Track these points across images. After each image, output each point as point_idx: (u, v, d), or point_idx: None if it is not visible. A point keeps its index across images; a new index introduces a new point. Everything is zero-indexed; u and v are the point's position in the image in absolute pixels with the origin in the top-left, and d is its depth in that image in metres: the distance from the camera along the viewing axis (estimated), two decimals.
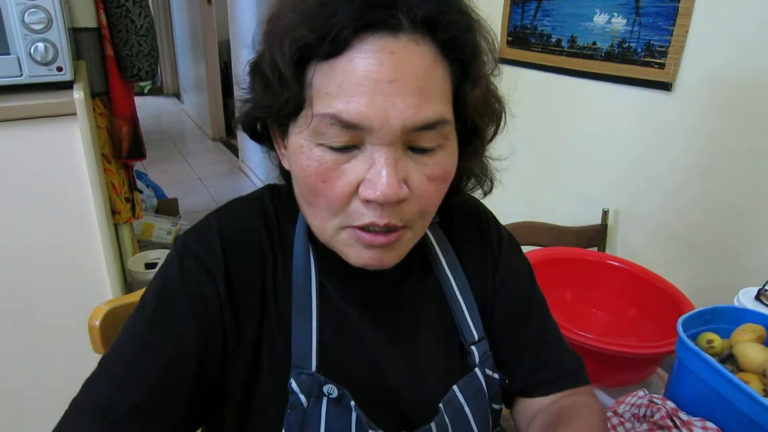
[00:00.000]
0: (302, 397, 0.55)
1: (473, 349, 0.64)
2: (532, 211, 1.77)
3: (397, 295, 0.63)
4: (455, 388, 0.61)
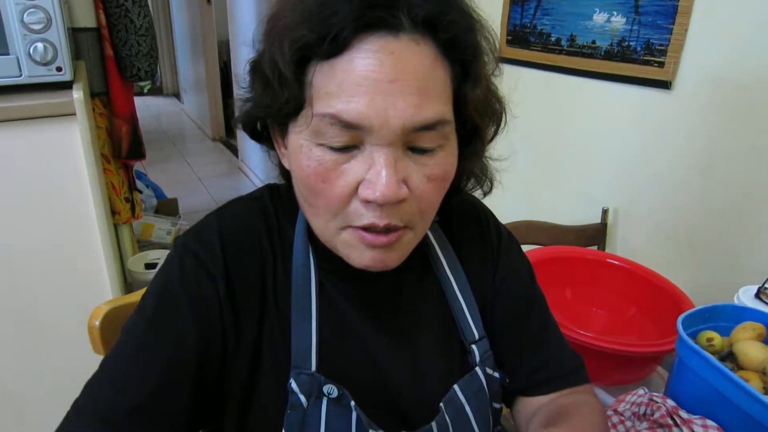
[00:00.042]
0: (302, 397, 0.54)
1: (474, 348, 0.64)
2: (531, 210, 1.77)
3: (398, 295, 0.63)
4: (456, 388, 0.61)
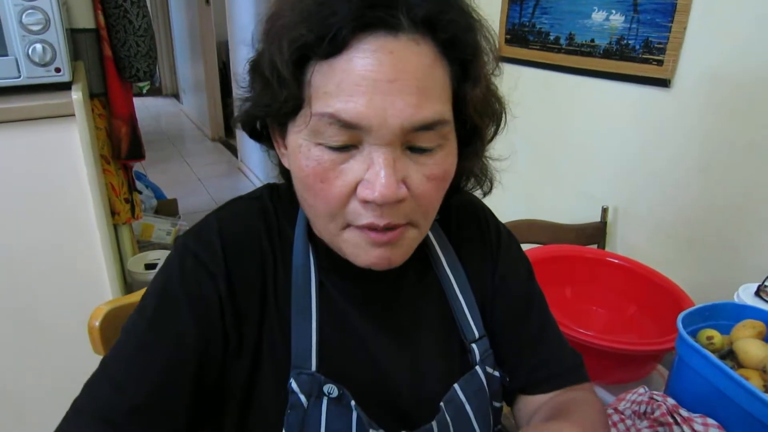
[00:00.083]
0: (302, 397, 0.54)
1: (474, 347, 0.64)
2: (531, 209, 1.77)
3: (398, 294, 0.63)
4: (456, 387, 0.61)
